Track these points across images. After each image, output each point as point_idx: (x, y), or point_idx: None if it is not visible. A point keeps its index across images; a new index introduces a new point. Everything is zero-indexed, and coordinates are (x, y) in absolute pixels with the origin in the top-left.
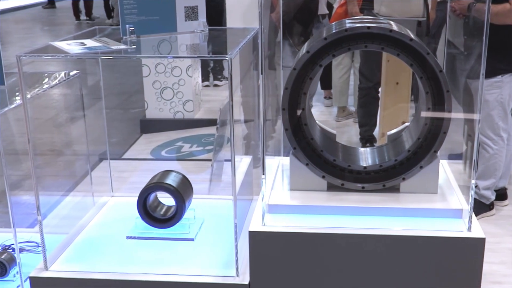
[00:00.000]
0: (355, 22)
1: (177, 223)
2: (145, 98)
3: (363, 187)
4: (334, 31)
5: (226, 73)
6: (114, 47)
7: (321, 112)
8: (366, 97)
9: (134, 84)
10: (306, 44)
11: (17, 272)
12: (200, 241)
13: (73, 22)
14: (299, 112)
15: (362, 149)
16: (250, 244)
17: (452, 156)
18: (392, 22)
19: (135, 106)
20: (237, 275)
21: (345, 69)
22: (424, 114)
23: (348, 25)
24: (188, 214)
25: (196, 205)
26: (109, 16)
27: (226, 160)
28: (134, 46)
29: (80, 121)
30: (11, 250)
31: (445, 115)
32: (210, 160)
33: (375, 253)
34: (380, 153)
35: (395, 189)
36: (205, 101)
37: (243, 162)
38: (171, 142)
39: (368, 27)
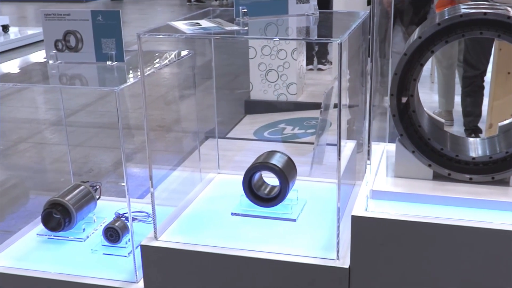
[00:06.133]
0: (471, 7)
1: (280, 203)
2: (250, 80)
3: (470, 178)
4: (447, 17)
5: (330, 57)
6: (228, 28)
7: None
8: (472, 86)
9: (240, 65)
10: (418, 29)
11: (129, 240)
12: (301, 222)
13: (184, 3)
14: (407, 98)
15: (471, 139)
16: (352, 229)
17: None
18: (510, 9)
19: (240, 87)
20: (338, 259)
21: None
22: None
23: (463, 11)
24: (291, 195)
25: (299, 187)
26: None
27: (328, 144)
28: (247, 28)
29: (188, 99)
30: (124, 219)
31: None
32: (311, 143)
33: (480, 247)
34: (490, 144)
35: (505, 183)
36: (309, 84)
37: (347, 146)
38: (274, 123)
39: (485, 13)
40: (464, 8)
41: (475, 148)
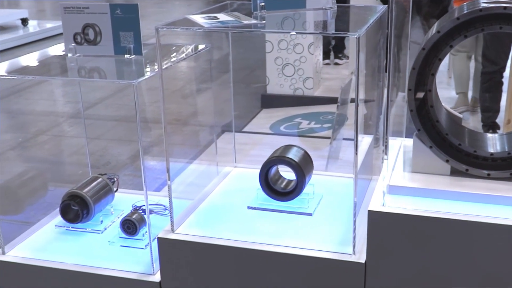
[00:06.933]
0: (490, 1)
1: (297, 197)
2: (266, 74)
3: (488, 174)
4: (467, 11)
5: (347, 51)
6: (246, 22)
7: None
8: (490, 82)
9: (257, 59)
10: (436, 23)
11: (146, 232)
12: (317, 217)
13: None
14: (425, 93)
15: (489, 135)
16: (368, 224)
17: None
18: None
19: (257, 81)
20: (354, 253)
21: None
22: None
23: (482, 5)
24: (307, 189)
25: (315, 181)
26: None
27: (345, 139)
28: (264, 22)
29: (204, 93)
30: (141, 211)
31: None
32: (327, 137)
33: (498, 243)
34: (509, 140)
35: None
36: (325, 79)
37: (364, 141)
38: (290, 118)
39: (505, 8)
40: (484, 3)
41: (493, 143)
